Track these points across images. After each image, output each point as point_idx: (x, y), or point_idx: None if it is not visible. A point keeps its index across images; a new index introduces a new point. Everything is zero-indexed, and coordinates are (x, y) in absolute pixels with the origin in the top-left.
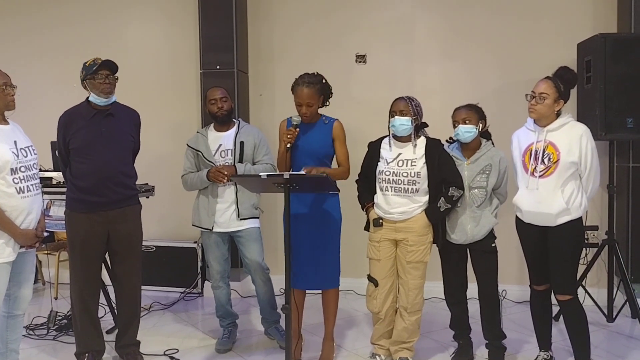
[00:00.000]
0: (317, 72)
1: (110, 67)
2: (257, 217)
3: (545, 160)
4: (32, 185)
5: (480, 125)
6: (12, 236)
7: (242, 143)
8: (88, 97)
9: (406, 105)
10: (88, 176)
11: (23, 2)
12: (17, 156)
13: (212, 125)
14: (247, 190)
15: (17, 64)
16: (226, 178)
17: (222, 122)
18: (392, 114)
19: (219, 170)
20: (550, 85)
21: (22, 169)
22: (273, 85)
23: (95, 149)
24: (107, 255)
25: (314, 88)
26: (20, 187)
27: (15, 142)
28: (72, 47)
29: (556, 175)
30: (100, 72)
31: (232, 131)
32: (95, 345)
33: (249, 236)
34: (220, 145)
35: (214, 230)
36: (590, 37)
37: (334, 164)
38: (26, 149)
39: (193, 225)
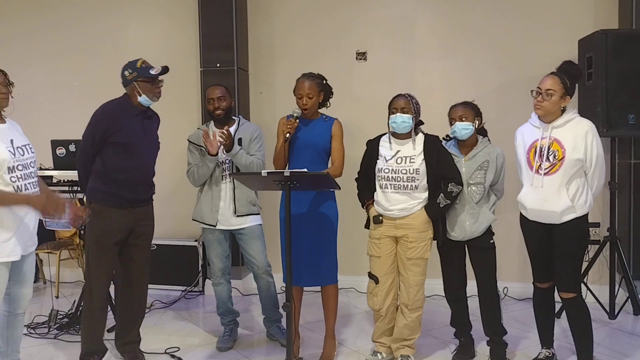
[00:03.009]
0: (318, 73)
1: (165, 73)
2: (258, 214)
3: (550, 158)
4: (29, 183)
5: (477, 122)
6: (28, 204)
7: (240, 140)
8: (127, 94)
9: (407, 103)
10: (128, 172)
11: (23, 3)
12: (14, 154)
13: (212, 121)
14: (244, 187)
15: (17, 65)
16: (225, 137)
17: (220, 122)
18: (392, 111)
19: (219, 134)
20: (556, 82)
21: (20, 167)
22: (274, 83)
23: (139, 148)
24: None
25: (315, 81)
26: (18, 186)
27: (11, 140)
28: (72, 47)
29: (561, 172)
30: (160, 79)
31: (232, 129)
32: (101, 346)
33: (252, 234)
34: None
35: (217, 227)
36: (592, 33)
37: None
38: (23, 148)
39: (193, 219)
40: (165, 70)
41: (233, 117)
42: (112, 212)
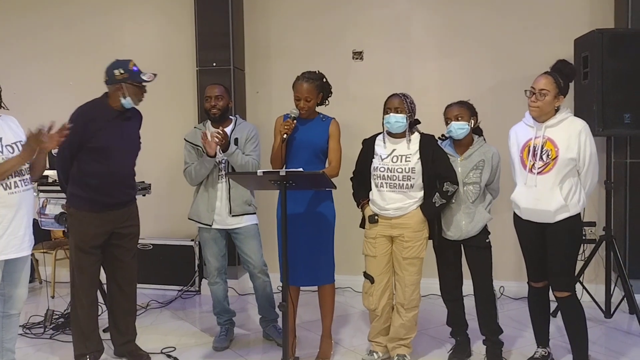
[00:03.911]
0: (318, 71)
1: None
2: (254, 214)
3: (544, 157)
4: (20, 180)
5: (472, 121)
6: (21, 160)
7: (236, 140)
8: (106, 95)
9: (401, 102)
10: (104, 177)
11: (19, 3)
12: (2, 152)
13: (209, 121)
14: (239, 187)
15: (15, 65)
16: (221, 137)
17: (216, 121)
18: (386, 111)
19: (214, 135)
20: (550, 81)
21: None
22: (270, 82)
23: (115, 152)
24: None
25: (313, 84)
26: (7, 184)
27: (0, 138)
28: (69, 47)
29: (555, 172)
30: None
31: (229, 129)
32: (96, 346)
33: (247, 233)
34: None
35: (213, 226)
36: (587, 33)
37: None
38: (13, 145)
39: (189, 219)
40: (154, 77)
41: (230, 117)
42: (90, 216)
